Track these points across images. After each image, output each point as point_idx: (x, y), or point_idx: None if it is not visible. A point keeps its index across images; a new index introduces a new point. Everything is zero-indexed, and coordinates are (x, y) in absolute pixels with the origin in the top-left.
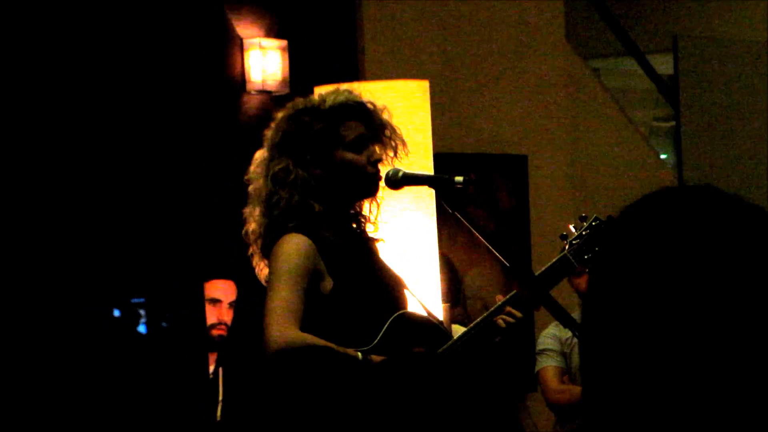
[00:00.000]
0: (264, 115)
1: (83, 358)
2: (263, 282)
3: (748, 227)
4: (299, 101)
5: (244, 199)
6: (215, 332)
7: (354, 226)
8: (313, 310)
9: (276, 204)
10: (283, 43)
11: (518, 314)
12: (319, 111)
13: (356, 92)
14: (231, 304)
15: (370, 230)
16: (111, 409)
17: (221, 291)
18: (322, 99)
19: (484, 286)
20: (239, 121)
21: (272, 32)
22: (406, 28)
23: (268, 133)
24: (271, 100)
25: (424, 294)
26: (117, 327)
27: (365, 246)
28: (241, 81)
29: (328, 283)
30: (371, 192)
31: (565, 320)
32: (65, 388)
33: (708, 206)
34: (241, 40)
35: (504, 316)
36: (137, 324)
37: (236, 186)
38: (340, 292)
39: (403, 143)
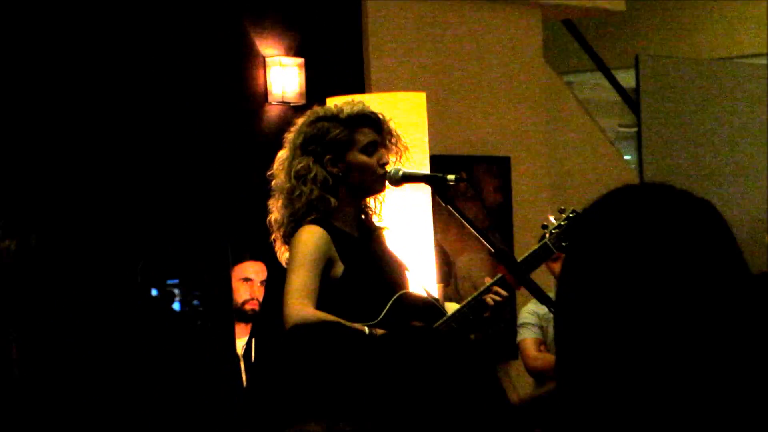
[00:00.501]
0: (284, 123)
1: (127, 332)
2: (284, 264)
3: (694, 218)
4: (319, 109)
5: (267, 193)
6: (248, 306)
7: (363, 217)
8: (326, 292)
9: (298, 197)
10: (300, 60)
11: (504, 293)
12: (337, 118)
13: (368, 104)
14: (262, 282)
15: (375, 221)
16: (148, 379)
17: (253, 271)
18: (340, 108)
19: (473, 269)
20: (262, 128)
21: (291, 51)
22: (406, 47)
23: (290, 136)
24: (290, 109)
25: (422, 276)
26: (155, 304)
27: (372, 235)
28: (264, 93)
29: (339, 269)
30: (379, 190)
31: (543, 298)
32: (106, 361)
33: (662, 200)
34: (264, 58)
35: (492, 295)
36: (172, 302)
37: (261, 182)
38: (349, 275)
39: (406, 149)
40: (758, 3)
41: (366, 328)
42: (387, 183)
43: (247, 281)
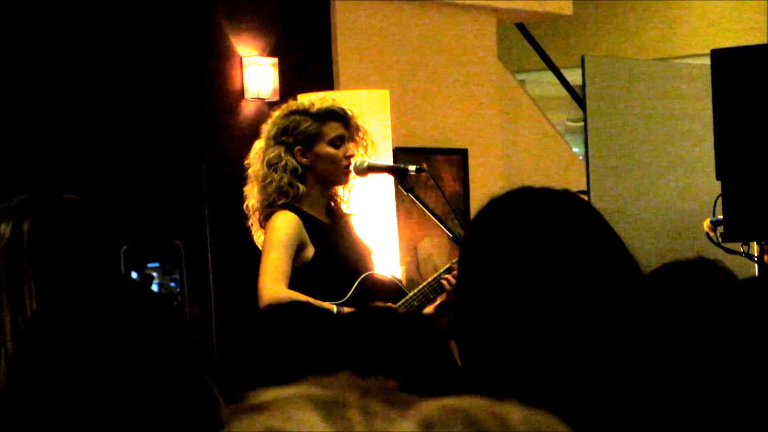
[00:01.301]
0: (259, 117)
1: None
2: (259, 247)
3: (563, 211)
4: (293, 103)
5: (243, 181)
6: None
7: (332, 204)
8: (298, 273)
9: (269, 183)
10: (275, 60)
11: None
12: (308, 112)
13: (338, 100)
14: None
15: (343, 207)
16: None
17: None
18: (312, 103)
19: (434, 252)
20: (239, 122)
21: (266, 51)
22: (371, 48)
23: (265, 127)
24: (265, 105)
25: (386, 257)
26: (135, 286)
27: (340, 221)
28: (241, 90)
29: (310, 252)
30: (344, 180)
31: None
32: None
33: (533, 199)
34: (241, 58)
35: (449, 277)
36: (151, 284)
37: (238, 171)
38: (319, 258)
39: (372, 143)
40: (696, 6)
41: (334, 307)
42: (353, 173)
43: None
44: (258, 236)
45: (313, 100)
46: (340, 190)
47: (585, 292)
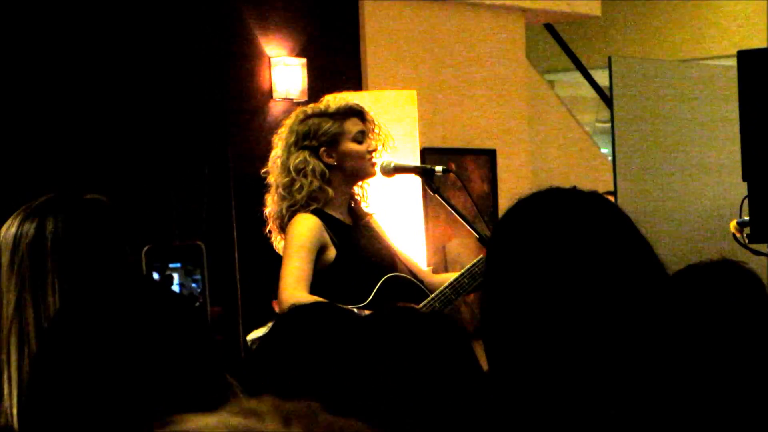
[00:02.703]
0: (287, 117)
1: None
2: (280, 253)
3: (589, 211)
4: (306, 108)
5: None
6: None
7: (352, 205)
8: (319, 276)
9: (298, 190)
10: (303, 60)
11: None
12: (326, 113)
13: (369, 103)
14: None
15: (364, 207)
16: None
17: None
18: (326, 104)
19: (462, 253)
20: (268, 123)
21: (294, 52)
22: (400, 49)
23: (281, 135)
24: (294, 105)
25: (413, 258)
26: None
27: (361, 221)
28: (269, 91)
29: (332, 254)
30: (371, 173)
31: None
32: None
33: (559, 201)
34: (270, 58)
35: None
36: (171, 284)
37: (266, 173)
38: (341, 260)
39: (389, 136)
40: (724, 8)
41: (356, 310)
42: (379, 172)
43: None
44: (278, 242)
45: (326, 101)
46: (358, 190)
47: (611, 293)
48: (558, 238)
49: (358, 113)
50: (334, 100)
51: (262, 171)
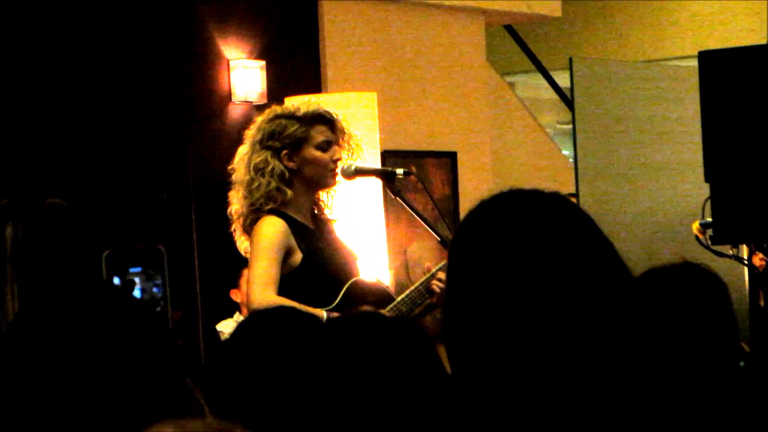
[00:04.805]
0: (247, 121)
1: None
2: (243, 253)
3: (551, 212)
4: (277, 108)
5: (228, 186)
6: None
7: (315, 210)
8: (286, 279)
9: (257, 188)
10: (262, 63)
11: None
12: (295, 116)
13: (324, 104)
14: None
15: (327, 213)
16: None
17: None
18: (297, 107)
19: (423, 257)
20: (227, 126)
21: (253, 54)
22: (359, 50)
23: (249, 133)
24: (252, 108)
25: (374, 263)
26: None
27: (324, 226)
28: (228, 93)
29: (297, 257)
30: (331, 183)
31: None
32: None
33: (522, 201)
34: (228, 61)
35: (436, 281)
36: (133, 290)
37: (225, 175)
38: (307, 264)
39: (358, 146)
40: (685, 8)
41: (324, 313)
42: (340, 177)
43: None
44: (241, 242)
45: (298, 104)
46: (324, 195)
47: (574, 295)
48: (520, 240)
49: (327, 121)
50: (306, 104)
51: (229, 167)
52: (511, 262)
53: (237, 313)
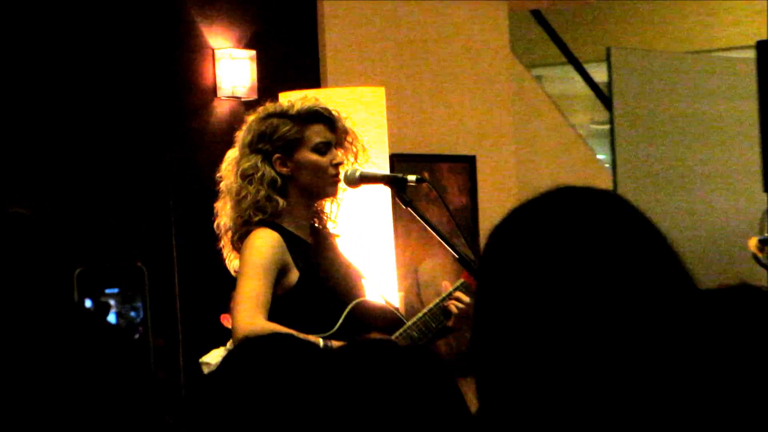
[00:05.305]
0: (234, 119)
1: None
2: (232, 272)
3: (606, 216)
4: (269, 105)
5: (215, 194)
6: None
7: (315, 222)
8: (279, 301)
9: (244, 198)
10: (252, 53)
11: (467, 298)
12: (288, 114)
13: (322, 100)
14: None
15: (330, 227)
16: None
17: None
18: (291, 104)
19: (437, 276)
20: (211, 125)
21: (241, 43)
22: (364, 38)
23: (239, 134)
24: (241, 105)
25: (381, 283)
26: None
27: (325, 241)
28: (213, 87)
29: (293, 276)
30: (331, 192)
31: None
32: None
33: (571, 202)
34: (213, 50)
35: (454, 301)
36: (107, 314)
37: (209, 182)
38: (305, 284)
39: (364, 149)
40: None
41: (321, 341)
42: (342, 184)
43: None
44: (230, 260)
45: (293, 100)
46: (327, 206)
47: (640, 318)
48: (573, 249)
49: (325, 119)
50: (301, 101)
51: (217, 174)
52: (562, 275)
53: (230, 341)
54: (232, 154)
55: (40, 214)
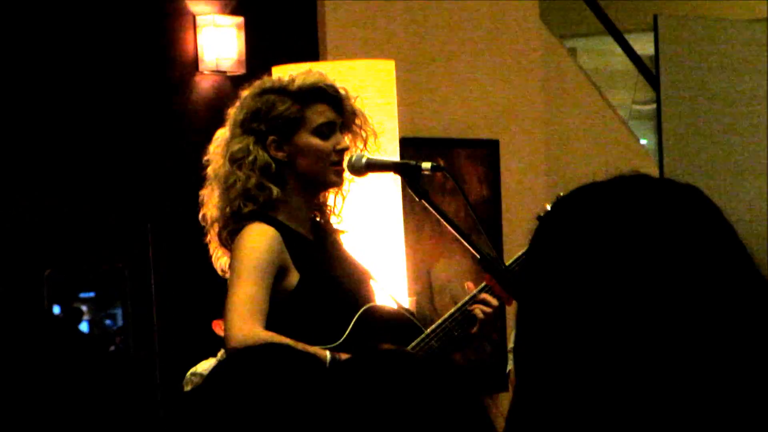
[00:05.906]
0: (218, 97)
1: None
2: (219, 272)
3: (679, 209)
4: (267, 79)
5: (198, 180)
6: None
7: (317, 216)
8: (278, 306)
9: (232, 185)
10: (239, 20)
11: (494, 302)
12: (287, 91)
13: (328, 75)
14: None
15: (334, 222)
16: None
17: None
18: (292, 79)
19: (452, 279)
20: (191, 103)
21: (227, 9)
22: (369, 5)
23: (231, 111)
24: (226, 80)
25: (391, 286)
26: (57, 324)
27: (329, 238)
28: (194, 60)
29: (293, 278)
30: (333, 182)
31: None
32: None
33: (633, 193)
34: (194, 16)
35: (480, 306)
36: (79, 322)
37: (191, 167)
38: (306, 287)
39: (374, 134)
40: None
41: (327, 353)
42: (347, 173)
43: None
44: (218, 257)
45: (294, 74)
46: (330, 198)
47: (718, 327)
48: (653, 250)
49: (330, 98)
50: (304, 75)
51: (204, 158)
52: (626, 275)
53: (222, 351)
54: (221, 133)
55: (5, 207)
